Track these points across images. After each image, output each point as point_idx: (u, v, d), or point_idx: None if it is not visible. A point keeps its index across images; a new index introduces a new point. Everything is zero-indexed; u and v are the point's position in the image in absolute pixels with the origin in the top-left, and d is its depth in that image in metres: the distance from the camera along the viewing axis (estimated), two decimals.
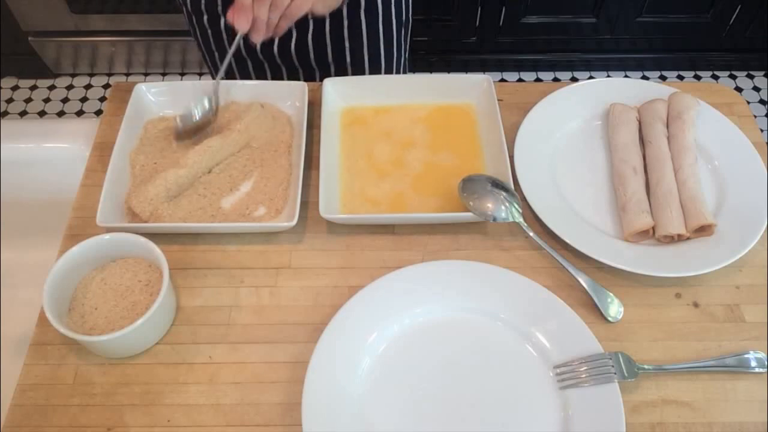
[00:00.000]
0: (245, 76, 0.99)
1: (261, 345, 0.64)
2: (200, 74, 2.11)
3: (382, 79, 0.86)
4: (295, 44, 0.91)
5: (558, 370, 0.61)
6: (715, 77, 2.12)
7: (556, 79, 2.10)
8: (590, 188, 0.76)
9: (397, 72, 1.02)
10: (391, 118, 0.82)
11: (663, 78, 2.10)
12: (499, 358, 0.63)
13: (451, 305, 0.66)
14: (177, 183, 0.72)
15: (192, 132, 0.76)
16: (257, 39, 0.67)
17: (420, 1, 1.60)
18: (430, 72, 2.09)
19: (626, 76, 2.04)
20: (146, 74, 2.10)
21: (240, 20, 0.65)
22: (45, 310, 0.59)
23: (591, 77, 2.06)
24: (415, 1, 1.00)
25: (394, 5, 0.92)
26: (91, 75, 2.11)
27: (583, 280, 0.67)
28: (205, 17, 0.90)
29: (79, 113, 2.01)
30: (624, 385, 0.62)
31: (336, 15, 0.89)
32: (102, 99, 2.05)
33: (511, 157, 0.75)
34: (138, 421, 0.60)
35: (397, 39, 0.97)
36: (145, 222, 0.70)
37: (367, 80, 0.85)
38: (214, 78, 0.99)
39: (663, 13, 1.94)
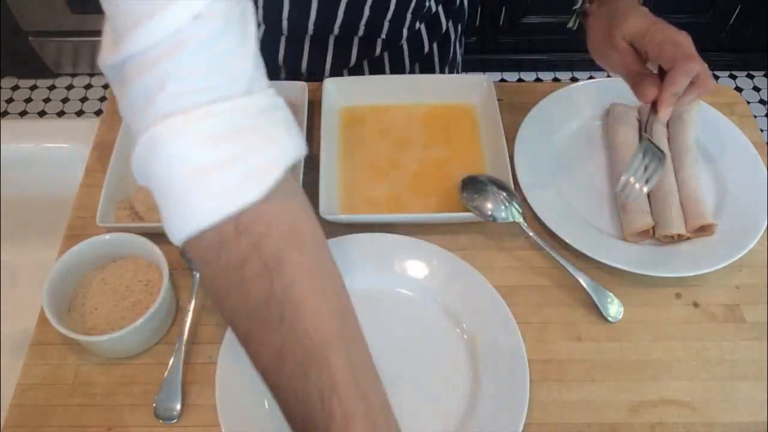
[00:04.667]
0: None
1: None
2: None
3: (382, 79, 0.86)
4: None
5: None
6: (715, 77, 2.12)
7: (556, 79, 2.10)
8: (590, 188, 0.76)
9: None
10: (391, 118, 0.82)
11: None
12: (412, 324, 0.65)
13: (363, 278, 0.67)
14: None
15: None
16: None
17: None
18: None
19: None
20: None
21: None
22: (45, 310, 0.59)
23: (591, 77, 2.06)
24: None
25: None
26: (91, 75, 2.11)
27: (583, 280, 0.67)
28: None
29: (79, 113, 2.01)
30: (624, 385, 0.62)
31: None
32: (102, 99, 2.05)
33: (511, 157, 0.75)
34: (138, 421, 0.60)
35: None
36: (142, 218, 0.70)
37: (367, 80, 0.85)
38: None
39: (663, 13, 1.92)
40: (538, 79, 2.11)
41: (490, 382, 0.61)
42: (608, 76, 0.80)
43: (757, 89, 2.09)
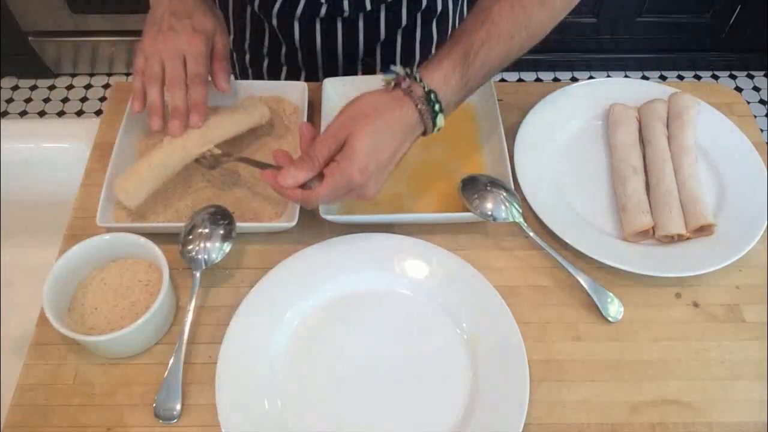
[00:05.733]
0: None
1: None
2: None
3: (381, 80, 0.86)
4: (363, 53, 0.91)
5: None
6: (715, 77, 2.12)
7: (556, 79, 2.10)
8: (590, 188, 0.76)
9: None
10: None
11: (663, 78, 2.10)
12: (412, 324, 0.66)
13: (363, 278, 0.68)
14: (163, 164, 0.68)
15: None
16: None
17: None
18: None
19: (626, 76, 2.04)
20: None
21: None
22: (45, 310, 0.59)
23: (591, 77, 2.06)
24: None
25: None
26: (91, 75, 2.11)
27: (583, 280, 0.67)
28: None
29: (79, 113, 2.01)
30: (624, 385, 0.62)
31: (409, 29, 0.89)
32: (102, 99, 2.05)
33: (511, 157, 0.75)
34: (138, 421, 0.60)
35: None
36: (142, 218, 0.70)
37: (367, 80, 0.85)
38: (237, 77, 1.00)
39: (663, 13, 1.93)
40: (538, 79, 2.11)
41: (490, 382, 0.61)
42: (608, 76, 0.80)
43: (757, 89, 2.09)
